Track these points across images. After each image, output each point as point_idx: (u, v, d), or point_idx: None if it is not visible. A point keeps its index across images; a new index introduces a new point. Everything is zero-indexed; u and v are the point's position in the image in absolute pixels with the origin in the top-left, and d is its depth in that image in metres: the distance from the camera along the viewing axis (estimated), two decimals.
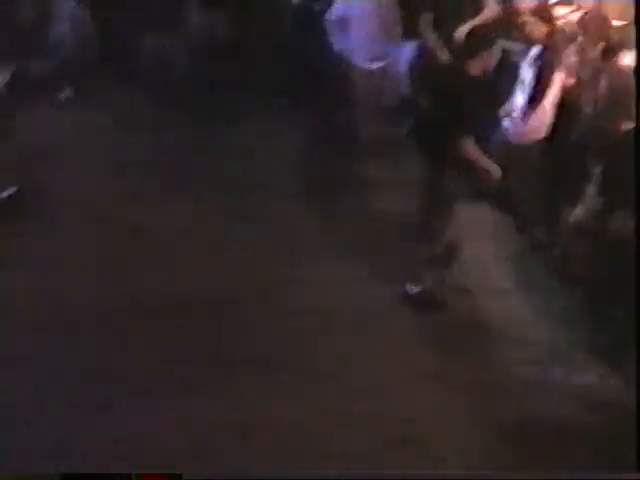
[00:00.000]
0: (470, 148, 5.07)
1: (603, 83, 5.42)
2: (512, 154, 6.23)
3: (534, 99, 5.96)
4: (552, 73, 5.87)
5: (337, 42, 7.16)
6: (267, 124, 7.70)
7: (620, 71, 5.33)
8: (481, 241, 6.11)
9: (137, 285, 5.40)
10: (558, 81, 5.88)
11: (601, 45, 5.73)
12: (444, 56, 6.45)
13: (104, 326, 4.99)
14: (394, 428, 4.35)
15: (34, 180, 6.49)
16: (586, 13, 6.26)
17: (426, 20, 6.84)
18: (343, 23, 7.06)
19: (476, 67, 5.13)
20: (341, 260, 5.83)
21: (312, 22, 8.11)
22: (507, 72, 6.15)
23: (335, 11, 7.10)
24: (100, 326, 4.99)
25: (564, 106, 5.91)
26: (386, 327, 5.17)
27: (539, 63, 5.91)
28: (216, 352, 4.86)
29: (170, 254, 5.74)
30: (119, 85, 8.18)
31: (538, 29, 5.92)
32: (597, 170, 5.37)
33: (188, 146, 7.26)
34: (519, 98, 6.06)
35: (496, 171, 5.35)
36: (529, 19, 5.98)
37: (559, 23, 6.27)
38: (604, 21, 5.89)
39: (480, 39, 5.20)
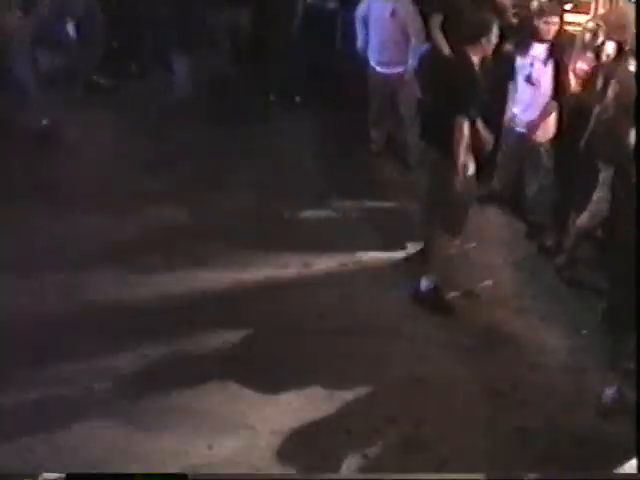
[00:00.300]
0: (465, 125, 5.08)
1: (613, 87, 5.39)
2: (522, 158, 6.23)
3: (543, 99, 5.97)
4: (562, 73, 5.89)
5: (356, 43, 7.13)
6: (279, 124, 7.70)
7: (630, 76, 5.30)
8: (490, 245, 6.10)
9: (138, 283, 5.38)
10: (567, 82, 5.90)
11: (614, 49, 5.72)
12: (446, 50, 6.47)
13: (104, 325, 4.96)
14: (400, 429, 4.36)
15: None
16: (601, 17, 6.28)
17: (436, 21, 6.85)
18: (364, 24, 7.03)
19: (475, 53, 5.18)
20: (350, 258, 5.83)
21: (328, 21, 8.13)
22: (510, 71, 6.15)
23: (359, 11, 7.06)
24: (100, 325, 4.96)
25: (574, 109, 5.92)
26: (393, 328, 5.14)
27: (551, 63, 5.92)
28: (216, 351, 4.85)
29: (177, 252, 5.73)
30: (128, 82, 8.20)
31: (551, 29, 5.92)
32: (603, 175, 5.36)
33: (202, 145, 7.21)
34: (526, 97, 6.05)
35: (490, 139, 5.36)
36: (543, 19, 5.97)
37: (573, 27, 6.29)
38: (621, 26, 5.89)
39: (479, 25, 5.24)
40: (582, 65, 5.85)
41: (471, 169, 5.27)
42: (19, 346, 4.73)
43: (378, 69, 7.00)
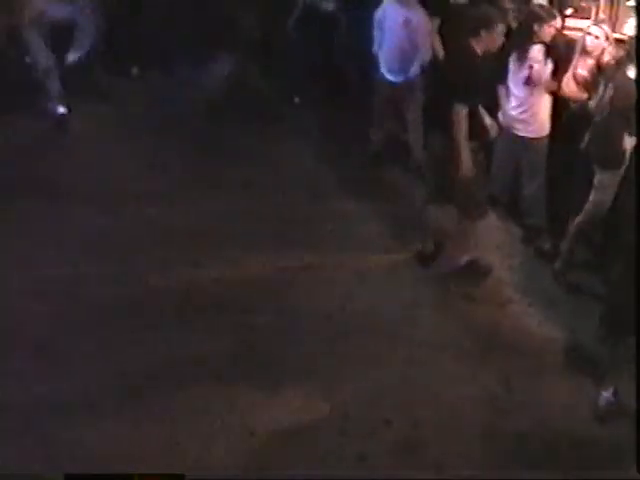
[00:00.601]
0: (462, 112, 5.15)
1: (609, 91, 5.41)
2: (518, 159, 6.24)
3: (539, 99, 6.00)
4: (559, 76, 5.93)
5: (373, 47, 7.10)
6: (279, 123, 7.70)
7: (628, 81, 5.32)
8: (488, 249, 6.10)
9: (137, 282, 5.38)
10: (564, 84, 5.93)
11: (617, 54, 5.75)
12: (440, 52, 6.60)
13: (103, 325, 4.96)
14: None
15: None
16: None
17: (434, 25, 6.89)
18: (380, 29, 7.03)
19: (478, 45, 5.24)
20: (350, 259, 5.85)
21: (328, 21, 8.15)
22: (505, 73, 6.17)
23: (376, 15, 7.05)
24: (99, 325, 4.96)
25: (574, 114, 5.94)
26: (393, 329, 5.16)
27: (549, 65, 5.95)
28: (215, 351, 4.84)
29: (176, 251, 5.73)
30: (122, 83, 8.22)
31: (550, 31, 5.96)
32: (598, 178, 5.39)
33: (202, 144, 7.23)
34: (522, 97, 6.06)
35: (493, 126, 5.46)
36: (543, 23, 5.99)
37: (574, 32, 6.31)
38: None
39: (480, 18, 5.31)
40: (582, 71, 5.88)
41: (477, 156, 5.33)
42: (18, 345, 4.73)
43: (387, 75, 7.00)
